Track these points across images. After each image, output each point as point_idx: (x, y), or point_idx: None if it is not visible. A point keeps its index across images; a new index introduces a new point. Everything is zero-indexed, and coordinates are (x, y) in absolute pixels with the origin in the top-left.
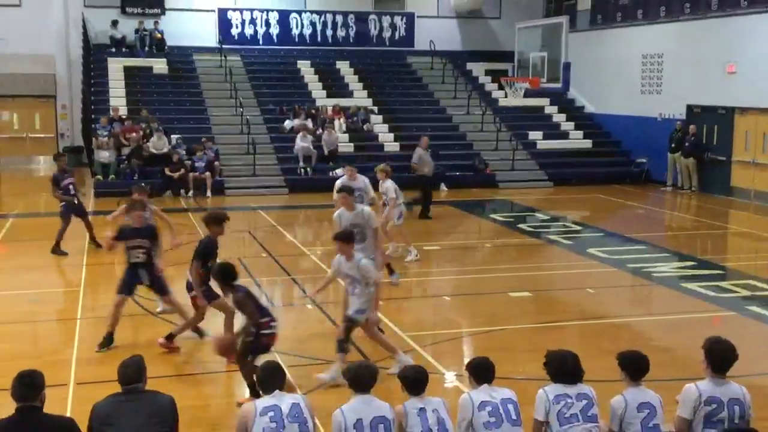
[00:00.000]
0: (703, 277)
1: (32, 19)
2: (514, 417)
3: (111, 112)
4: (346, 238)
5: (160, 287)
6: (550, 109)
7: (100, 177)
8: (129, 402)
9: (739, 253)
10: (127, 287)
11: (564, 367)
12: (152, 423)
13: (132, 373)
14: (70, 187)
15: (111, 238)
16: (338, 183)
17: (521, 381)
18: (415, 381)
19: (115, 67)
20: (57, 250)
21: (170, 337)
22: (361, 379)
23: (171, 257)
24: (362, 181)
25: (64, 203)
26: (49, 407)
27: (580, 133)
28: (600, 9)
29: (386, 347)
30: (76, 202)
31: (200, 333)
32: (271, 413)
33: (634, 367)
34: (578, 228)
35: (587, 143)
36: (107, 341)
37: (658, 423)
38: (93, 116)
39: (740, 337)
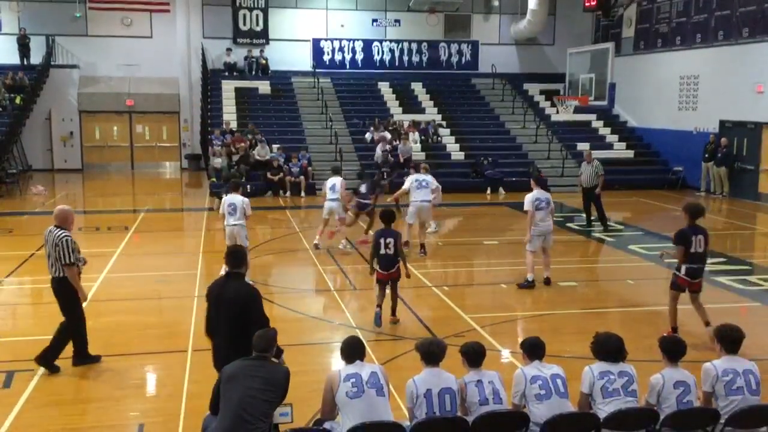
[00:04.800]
0: (732, 272)
1: (161, 48)
2: (562, 390)
3: (223, 126)
4: None
5: None
6: (597, 124)
7: (214, 179)
8: (251, 367)
9: (765, 251)
10: None
11: (608, 347)
12: (263, 389)
13: (261, 343)
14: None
15: None
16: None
17: (568, 359)
18: (475, 354)
19: (228, 88)
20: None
21: None
22: (432, 354)
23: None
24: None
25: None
26: (171, 369)
27: (623, 145)
28: (642, 36)
29: None
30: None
31: None
32: (353, 380)
33: (673, 349)
34: (620, 227)
35: (629, 153)
36: None
37: (691, 400)
38: (209, 129)
39: (765, 324)
